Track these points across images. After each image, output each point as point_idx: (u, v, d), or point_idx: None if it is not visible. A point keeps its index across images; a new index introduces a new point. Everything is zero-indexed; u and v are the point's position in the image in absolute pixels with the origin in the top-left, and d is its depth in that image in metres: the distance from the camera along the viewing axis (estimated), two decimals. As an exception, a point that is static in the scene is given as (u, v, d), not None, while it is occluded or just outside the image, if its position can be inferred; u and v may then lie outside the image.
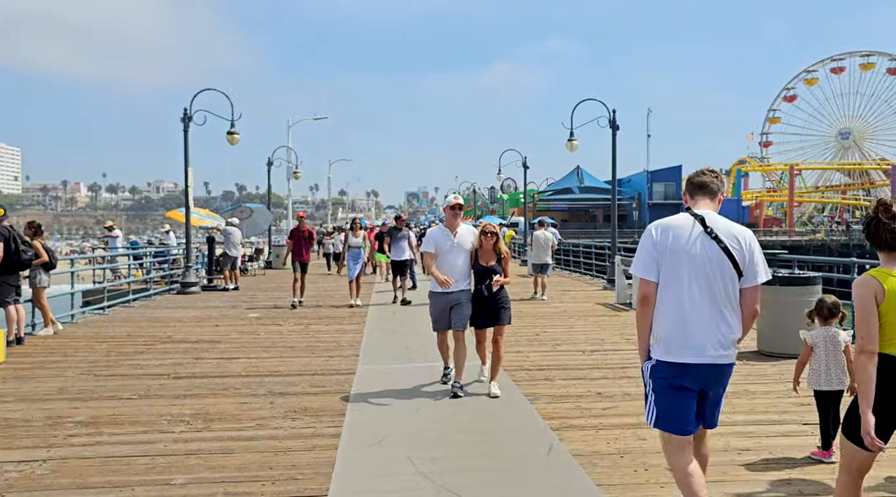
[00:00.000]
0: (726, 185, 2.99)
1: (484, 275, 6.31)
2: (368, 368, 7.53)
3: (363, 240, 13.77)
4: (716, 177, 3.35)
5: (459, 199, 6.70)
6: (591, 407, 5.82)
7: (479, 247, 6.38)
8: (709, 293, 3.10)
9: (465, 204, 76.10)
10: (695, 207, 3.31)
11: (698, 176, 3.37)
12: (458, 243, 6.44)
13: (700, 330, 3.09)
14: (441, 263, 6.41)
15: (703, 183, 3.34)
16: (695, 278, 3.10)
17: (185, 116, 16.25)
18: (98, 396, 6.27)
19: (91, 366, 7.67)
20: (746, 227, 3.47)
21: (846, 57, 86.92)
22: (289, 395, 6.32)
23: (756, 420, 5.38)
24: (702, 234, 3.14)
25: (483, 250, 6.36)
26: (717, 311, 3.09)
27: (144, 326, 10.79)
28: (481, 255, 6.36)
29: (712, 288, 3.10)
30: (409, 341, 9.32)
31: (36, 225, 9.76)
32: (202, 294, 16.19)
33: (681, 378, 3.12)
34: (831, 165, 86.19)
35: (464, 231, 6.55)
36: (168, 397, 6.22)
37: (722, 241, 3.12)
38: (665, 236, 3.17)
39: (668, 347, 3.13)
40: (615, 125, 16.36)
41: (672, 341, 3.12)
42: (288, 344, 9.16)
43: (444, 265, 6.38)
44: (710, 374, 3.13)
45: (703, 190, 3.34)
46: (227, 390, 6.50)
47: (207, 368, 7.53)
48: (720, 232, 3.14)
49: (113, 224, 20.22)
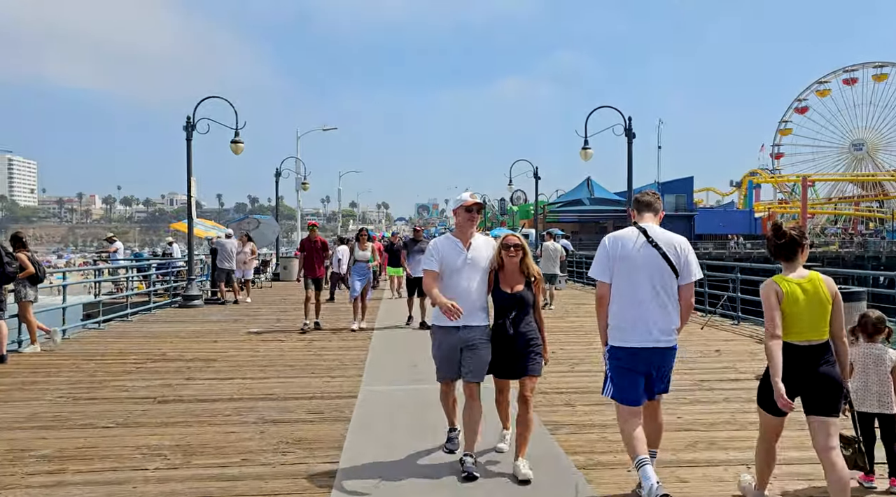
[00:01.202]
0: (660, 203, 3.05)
1: (508, 305, 4.46)
2: (372, 391, 6.93)
3: (372, 252, 12.10)
4: (657, 198, 4.19)
5: (476, 197, 4.66)
6: (619, 439, 5.16)
7: (499, 266, 4.52)
8: (652, 290, 3.89)
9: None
10: (641, 221, 4.07)
11: (644, 197, 4.18)
12: (473, 259, 4.50)
13: (646, 320, 3.88)
14: (448, 287, 4.48)
15: (648, 202, 4.14)
16: (640, 278, 3.90)
17: (188, 124, 15.81)
18: (72, 424, 5.69)
19: (72, 388, 7.10)
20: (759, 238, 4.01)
21: (859, 68, 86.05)
22: (282, 422, 5.72)
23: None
24: (645, 242, 3.93)
25: (506, 271, 4.51)
26: (660, 304, 3.89)
27: (138, 343, 10.24)
28: (504, 278, 4.51)
29: (655, 286, 3.89)
30: (416, 359, 8.71)
31: (20, 236, 9.23)
32: (204, 308, 15.66)
33: (632, 360, 3.92)
34: (844, 177, 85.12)
35: (480, 243, 4.58)
36: (148, 425, 5.63)
37: (661, 248, 3.91)
38: (615, 246, 3.99)
39: (622, 335, 3.94)
40: (631, 133, 15.78)
41: (624, 330, 3.94)
42: (287, 362, 8.58)
43: (453, 290, 4.45)
44: (655, 356, 3.93)
45: (648, 207, 4.13)
46: (215, 417, 5.90)
47: (197, 390, 6.95)
48: (659, 241, 3.94)
49: (114, 236, 19.76)
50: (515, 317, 4.46)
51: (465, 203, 4.58)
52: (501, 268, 4.53)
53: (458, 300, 4.33)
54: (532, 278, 4.53)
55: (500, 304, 4.53)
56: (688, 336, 10.35)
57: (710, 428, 5.57)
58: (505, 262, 4.50)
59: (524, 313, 4.48)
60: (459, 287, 4.46)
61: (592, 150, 17.67)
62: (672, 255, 3.91)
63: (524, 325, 4.47)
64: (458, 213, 4.62)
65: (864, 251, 53.82)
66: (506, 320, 4.47)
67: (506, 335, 4.46)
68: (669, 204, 66.99)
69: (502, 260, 4.51)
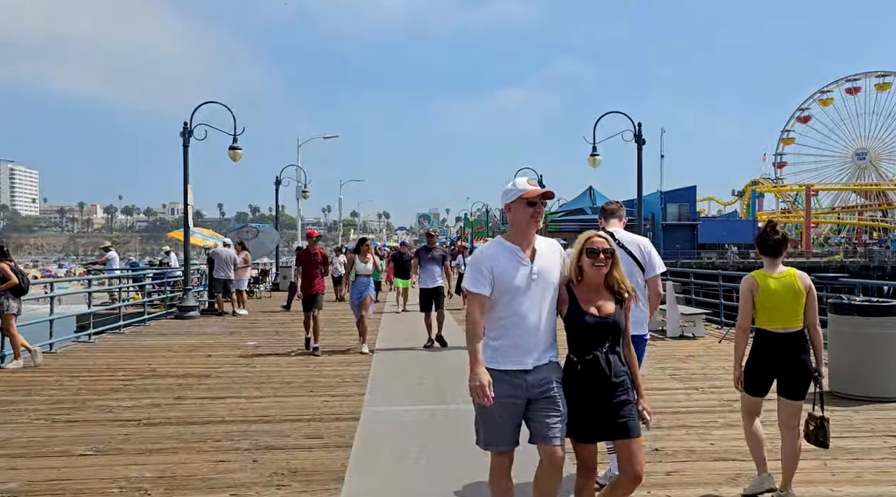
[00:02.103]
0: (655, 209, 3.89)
1: (595, 334, 3.15)
2: (375, 412, 6.42)
3: (374, 265, 10.47)
4: (620, 206, 4.69)
5: (535, 185, 3.31)
6: (650, 470, 4.65)
7: (575, 279, 3.26)
8: None
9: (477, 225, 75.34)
10: (608, 227, 4.51)
11: (609, 206, 4.67)
12: (541, 273, 3.19)
13: None
14: (504, 318, 3.17)
15: (612, 210, 4.64)
16: None
17: (184, 130, 15.37)
18: (47, 451, 5.18)
19: (52, 408, 6.60)
20: None
21: (861, 77, 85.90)
22: (277, 449, 5.21)
23: (871, 494, 4.22)
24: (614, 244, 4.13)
25: (587, 285, 3.23)
26: None
27: (129, 357, 9.73)
28: (584, 294, 3.23)
29: None
30: (421, 375, 8.22)
31: (1, 246, 8.75)
32: (200, 319, 15.14)
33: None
34: (847, 186, 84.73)
35: (546, 249, 3.28)
36: (130, 453, 5.12)
37: (627, 248, 4.27)
38: None
39: None
40: (641, 139, 15.33)
41: None
42: (285, 378, 8.07)
43: (515, 320, 3.15)
44: None
45: (613, 215, 4.63)
46: (204, 442, 5.40)
47: (187, 411, 6.44)
48: (625, 241, 4.32)
49: (110, 245, 19.26)
50: (606, 352, 3.14)
51: (525, 194, 3.18)
52: (579, 280, 3.27)
53: (524, 335, 3.13)
54: (623, 295, 3.24)
55: (581, 334, 3.16)
56: (706, 350, 9.84)
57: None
58: (587, 274, 3.23)
59: (616, 346, 3.19)
60: (524, 316, 3.12)
61: (601, 156, 17.23)
62: (637, 253, 4.33)
63: (616, 364, 3.15)
64: (515, 210, 3.23)
65: (868, 261, 53.35)
66: (593, 356, 3.12)
67: (590, 379, 3.12)
68: (672, 213, 66.58)
69: (582, 270, 3.25)
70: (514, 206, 3.24)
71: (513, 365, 3.11)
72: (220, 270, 15.96)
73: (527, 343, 3.13)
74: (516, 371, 3.12)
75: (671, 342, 10.80)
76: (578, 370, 3.14)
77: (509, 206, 3.26)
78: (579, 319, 3.17)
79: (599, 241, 3.22)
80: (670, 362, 8.77)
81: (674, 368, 8.35)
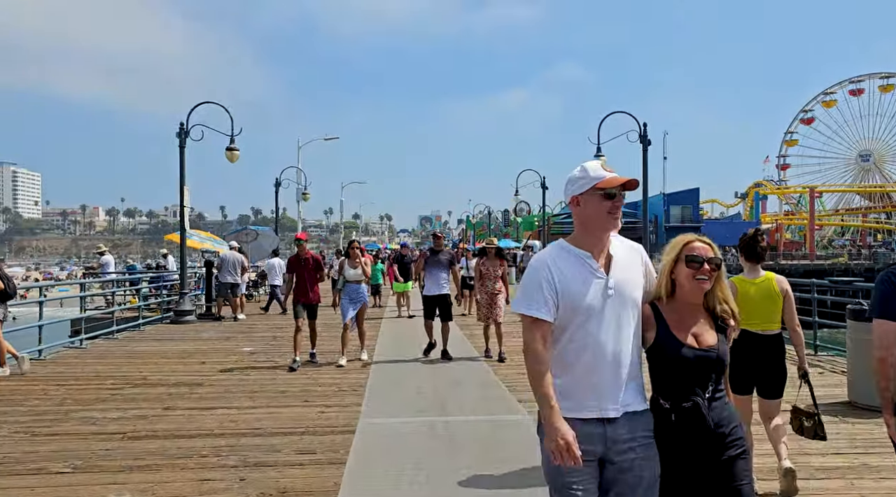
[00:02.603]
0: None
1: (695, 373, 2.35)
2: (371, 424, 6.11)
3: (363, 268, 9.47)
4: None
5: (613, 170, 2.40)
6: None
7: (664, 295, 2.43)
8: None
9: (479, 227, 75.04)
10: None
11: None
12: (620, 287, 2.35)
13: None
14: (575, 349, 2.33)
15: None
16: None
17: (181, 131, 15.10)
18: (22, 468, 4.88)
19: (34, 420, 6.29)
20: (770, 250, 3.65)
21: (865, 79, 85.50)
22: (266, 466, 4.91)
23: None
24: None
25: (677, 304, 2.42)
26: None
27: (119, 364, 9.43)
28: (674, 319, 2.40)
29: None
30: (421, 384, 7.91)
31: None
32: (197, 324, 14.86)
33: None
34: (851, 188, 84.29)
35: (623, 254, 2.42)
36: (110, 470, 4.82)
37: None
38: None
39: None
40: (646, 139, 15.03)
41: None
42: (279, 387, 7.77)
43: (588, 350, 2.31)
44: None
45: None
46: (190, 458, 5.09)
47: (175, 423, 6.14)
48: None
49: (105, 249, 18.98)
50: (709, 396, 2.34)
51: (602, 182, 2.32)
52: (669, 297, 2.42)
53: (602, 371, 2.28)
54: (728, 320, 2.42)
55: (677, 372, 2.34)
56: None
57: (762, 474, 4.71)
58: (683, 290, 2.38)
59: (719, 386, 2.39)
60: (601, 345, 2.29)
61: (606, 157, 16.93)
62: None
63: (722, 411, 2.35)
64: (587, 203, 2.35)
65: (873, 263, 52.96)
66: (692, 404, 2.31)
67: (689, 433, 2.31)
68: (675, 216, 66.31)
69: (674, 284, 2.41)
70: (584, 198, 2.35)
71: (589, 411, 2.28)
72: (226, 274, 15.68)
73: (606, 381, 2.28)
74: (595, 420, 2.28)
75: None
76: (672, 421, 2.32)
77: (577, 198, 2.36)
78: (674, 352, 2.32)
79: (702, 247, 2.39)
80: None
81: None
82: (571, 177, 2.42)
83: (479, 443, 5.46)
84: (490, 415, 6.46)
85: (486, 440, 5.53)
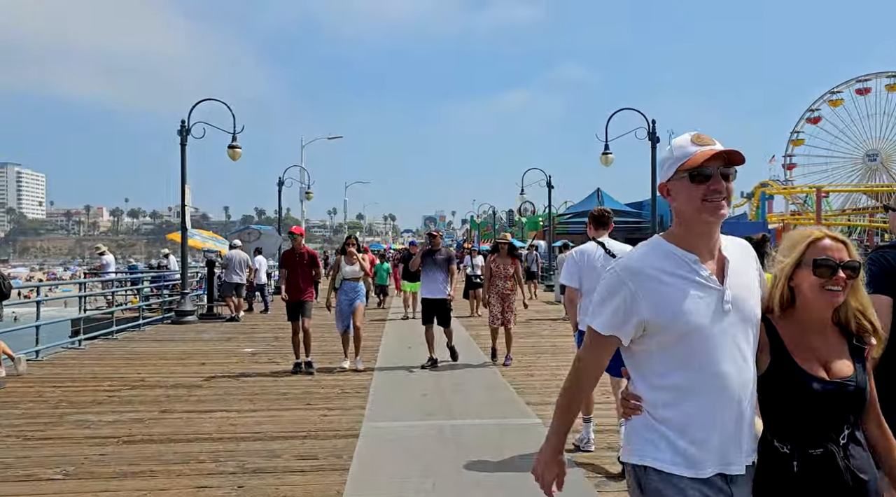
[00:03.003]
0: None
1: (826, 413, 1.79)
2: (376, 427, 5.90)
3: (363, 266, 8.90)
4: (610, 217, 5.18)
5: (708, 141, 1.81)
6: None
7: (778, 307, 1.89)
8: None
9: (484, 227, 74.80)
10: (597, 236, 5.08)
11: (603, 216, 5.17)
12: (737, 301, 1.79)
13: None
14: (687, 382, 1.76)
15: (606, 220, 5.16)
16: None
17: (182, 129, 14.92)
18: (11, 475, 4.67)
19: (28, 423, 6.10)
20: None
21: (872, 78, 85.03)
22: (266, 472, 4.69)
23: None
24: (603, 253, 4.90)
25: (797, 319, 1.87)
26: None
27: (117, 365, 9.24)
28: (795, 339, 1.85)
29: None
30: (425, 387, 7.69)
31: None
32: (198, 324, 14.68)
33: None
34: (858, 188, 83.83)
35: (738, 253, 1.89)
36: (103, 477, 4.61)
37: (616, 256, 4.61)
38: (581, 257, 4.99)
39: None
40: (655, 137, 14.79)
41: None
42: (281, 389, 7.57)
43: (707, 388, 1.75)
44: None
45: (604, 225, 5.14)
46: (187, 464, 4.89)
47: (172, 427, 5.94)
48: (615, 250, 4.87)
49: (105, 249, 18.79)
50: (846, 440, 1.81)
51: (687, 161, 1.77)
52: (784, 310, 1.89)
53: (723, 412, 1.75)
54: (866, 339, 1.87)
55: (803, 409, 1.81)
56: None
57: None
58: (806, 302, 1.85)
59: (856, 429, 1.85)
60: (721, 377, 1.75)
61: (613, 155, 16.71)
62: None
63: (861, 458, 1.82)
64: (677, 192, 1.82)
65: (881, 263, 52.62)
66: (824, 451, 1.78)
67: (818, 486, 1.78)
68: (681, 215, 65.94)
69: (793, 293, 1.87)
70: (673, 185, 1.82)
71: (711, 466, 1.74)
72: (233, 274, 15.51)
73: (727, 425, 1.74)
74: (717, 479, 1.74)
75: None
76: (794, 472, 1.78)
77: (666, 186, 1.85)
78: (796, 383, 1.79)
79: (834, 247, 1.82)
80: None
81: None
82: (660, 159, 1.93)
83: (488, 448, 5.24)
84: (498, 418, 6.24)
85: (496, 445, 5.31)
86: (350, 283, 8.91)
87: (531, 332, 12.33)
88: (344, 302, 8.88)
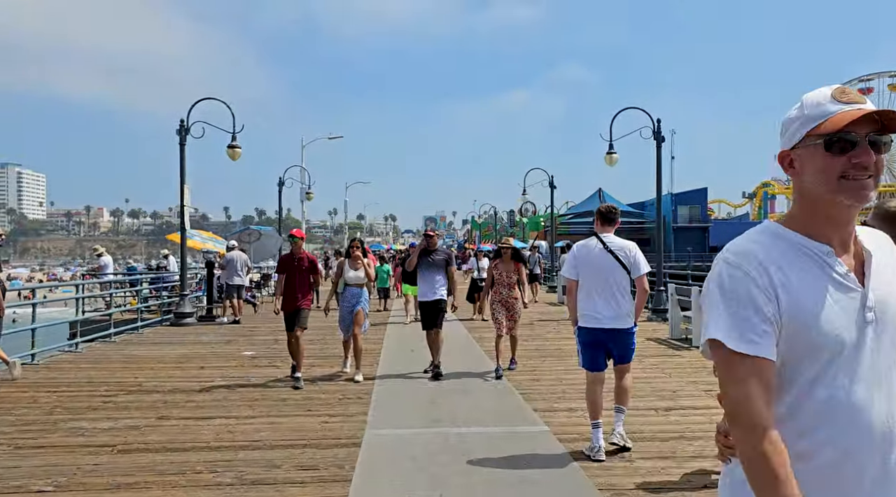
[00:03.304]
0: None
1: None
2: (378, 435, 5.72)
3: (367, 270, 8.40)
4: (617, 214, 5.36)
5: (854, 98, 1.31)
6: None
7: None
8: (606, 285, 5.09)
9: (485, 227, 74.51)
10: (602, 232, 5.26)
11: (611, 213, 5.33)
12: (883, 304, 1.33)
13: (601, 307, 5.07)
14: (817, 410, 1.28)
15: (613, 217, 5.32)
16: (598, 276, 5.12)
17: (181, 128, 14.73)
18: (1, 487, 4.49)
19: (20, 431, 5.91)
20: None
21: (874, 77, 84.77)
22: (265, 484, 4.51)
23: None
24: (601, 249, 5.16)
25: None
26: (612, 296, 5.07)
27: (114, 369, 9.06)
28: None
29: (608, 282, 5.09)
30: (429, 392, 7.50)
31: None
32: (197, 326, 14.49)
33: (590, 336, 5.13)
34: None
35: (875, 245, 1.40)
36: (95, 489, 4.43)
37: (614, 252, 5.12)
38: (581, 252, 5.24)
39: (585, 319, 5.13)
40: (660, 136, 14.59)
41: (586, 315, 5.12)
42: (281, 395, 7.38)
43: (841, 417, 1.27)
44: (609, 335, 5.09)
45: (610, 222, 5.30)
46: (183, 475, 4.70)
47: (169, 434, 5.76)
48: (613, 247, 5.16)
49: (103, 250, 18.59)
50: None
51: (828, 121, 1.30)
52: None
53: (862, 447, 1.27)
54: None
55: None
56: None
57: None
58: None
59: None
60: (856, 407, 1.28)
61: (618, 154, 16.51)
62: (623, 257, 5.11)
63: None
64: (805, 161, 1.34)
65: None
66: None
67: None
68: (683, 216, 65.72)
69: None
70: (800, 153, 1.35)
71: None
72: (234, 275, 15.28)
73: (868, 472, 1.28)
74: None
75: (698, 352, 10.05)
76: None
77: (789, 154, 1.38)
78: None
79: None
80: (703, 375, 8.02)
81: (705, 381, 7.61)
82: (785, 119, 1.40)
83: (495, 457, 5.06)
84: (505, 426, 6.05)
85: (503, 454, 5.13)
86: (353, 290, 8.42)
87: (535, 334, 12.14)
88: (346, 309, 8.43)
